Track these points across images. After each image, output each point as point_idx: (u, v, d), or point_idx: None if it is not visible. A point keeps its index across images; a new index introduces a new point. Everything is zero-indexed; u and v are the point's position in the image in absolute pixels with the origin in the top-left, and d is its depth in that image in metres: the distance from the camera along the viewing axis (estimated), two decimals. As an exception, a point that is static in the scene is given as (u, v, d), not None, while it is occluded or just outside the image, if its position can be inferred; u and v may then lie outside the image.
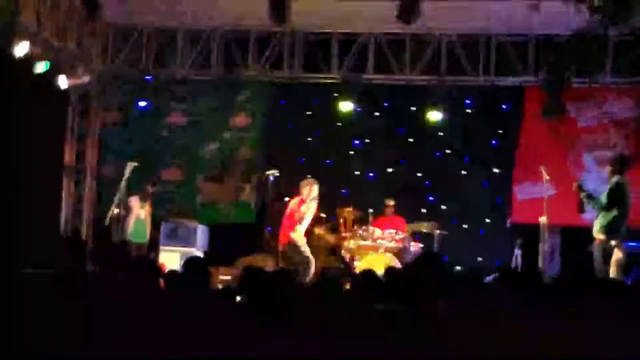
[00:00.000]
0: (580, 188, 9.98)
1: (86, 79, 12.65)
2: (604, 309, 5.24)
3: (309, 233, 12.12)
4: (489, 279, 7.60)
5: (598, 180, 10.72)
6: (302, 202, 10.71)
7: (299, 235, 10.59)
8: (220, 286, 8.13)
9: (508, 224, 12.08)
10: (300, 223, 10.58)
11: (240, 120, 13.40)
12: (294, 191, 13.00)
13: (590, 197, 9.94)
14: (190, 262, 6.29)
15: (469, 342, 4.42)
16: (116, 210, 11.19)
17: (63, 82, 11.96)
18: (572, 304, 5.22)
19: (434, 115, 12.46)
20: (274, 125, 13.39)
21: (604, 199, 9.82)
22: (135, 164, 11.53)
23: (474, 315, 4.72)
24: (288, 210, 10.77)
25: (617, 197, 9.75)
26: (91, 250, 8.58)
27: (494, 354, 4.54)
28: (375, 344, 4.38)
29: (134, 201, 11.91)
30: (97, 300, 4.86)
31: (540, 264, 10.12)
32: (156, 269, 6.25)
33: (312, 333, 4.78)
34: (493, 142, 12.75)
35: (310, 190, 10.70)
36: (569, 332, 4.78)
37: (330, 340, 4.68)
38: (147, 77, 12.94)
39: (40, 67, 11.29)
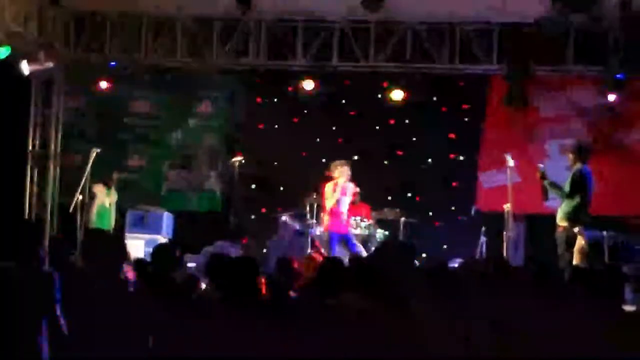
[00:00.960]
0: (543, 175, 10.06)
1: (49, 64, 12.45)
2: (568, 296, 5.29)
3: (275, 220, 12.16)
4: (452, 264, 7.63)
5: (561, 168, 10.80)
6: (336, 185, 10.77)
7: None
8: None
9: (473, 212, 12.15)
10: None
11: (205, 108, 13.35)
12: (259, 179, 13.02)
13: (553, 184, 10.02)
14: (159, 249, 6.25)
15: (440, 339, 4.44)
16: (80, 197, 11.09)
17: (25, 68, 11.77)
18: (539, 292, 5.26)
19: (399, 101, 12.45)
20: (239, 113, 13.32)
21: (566, 186, 9.91)
22: (99, 150, 11.42)
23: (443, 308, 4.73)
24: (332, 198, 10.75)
25: (579, 185, 9.84)
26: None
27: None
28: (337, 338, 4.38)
29: (98, 188, 11.80)
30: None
31: (505, 252, 10.19)
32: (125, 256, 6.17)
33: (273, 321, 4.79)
34: (458, 129, 12.78)
35: (341, 173, 10.75)
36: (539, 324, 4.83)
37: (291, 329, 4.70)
38: (111, 64, 12.77)
39: (1, 52, 11.09)
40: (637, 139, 12.09)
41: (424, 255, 10.48)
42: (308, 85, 12.27)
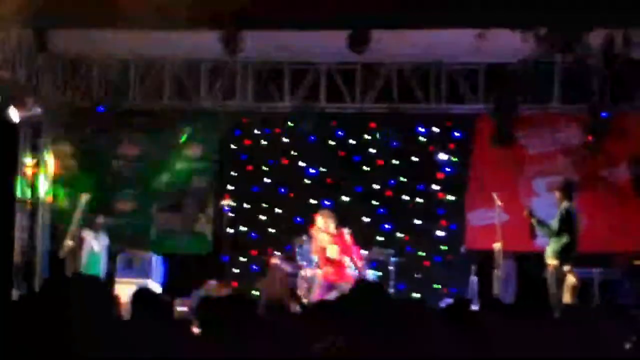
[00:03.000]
0: (531, 214, 10.19)
1: (37, 110, 12.55)
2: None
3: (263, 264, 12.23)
4: (443, 304, 7.72)
5: (549, 205, 10.94)
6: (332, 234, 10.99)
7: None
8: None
9: (463, 250, 12.24)
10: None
11: (193, 150, 13.41)
12: (249, 221, 13.10)
13: (541, 222, 10.16)
14: (139, 295, 6.29)
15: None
16: (71, 243, 11.11)
17: (14, 114, 11.85)
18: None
19: (387, 144, 12.63)
20: (227, 155, 13.42)
21: (554, 225, 10.05)
22: (89, 195, 11.47)
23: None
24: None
25: (567, 223, 9.98)
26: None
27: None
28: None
29: (87, 234, 11.83)
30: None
31: (496, 290, 10.29)
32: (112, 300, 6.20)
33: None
34: (446, 169, 12.92)
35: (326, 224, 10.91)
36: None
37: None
38: (99, 108, 12.87)
39: (-9, 99, 11.18)
40: (623, 175, 12.25)
41: (416, 295, 10.60)
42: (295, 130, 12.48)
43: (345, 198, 12.70)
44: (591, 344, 5.17)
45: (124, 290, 11.37)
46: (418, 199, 12.98)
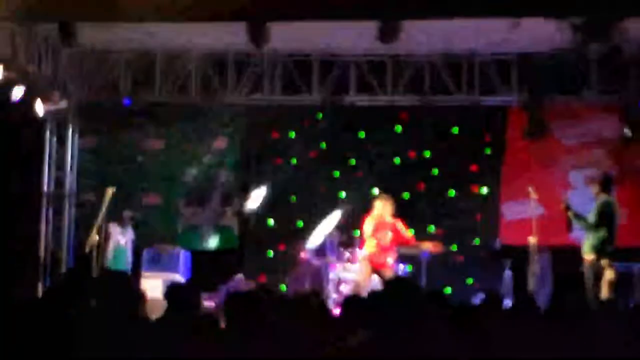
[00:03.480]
0: (567, 207, 9.98)
1: (63, 104, 12.49)
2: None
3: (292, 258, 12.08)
4: (476, 300, 7.53)
5: (585, 198, 10.72)
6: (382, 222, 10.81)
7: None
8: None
9: (496, 245, 12.05)
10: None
11: (220, 143, 13.33)
12: (276, 214, 12.96)
13: (578, 216, 9.94)
14: (173, 290, 6.16)
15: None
16: (96, 237, 11.04)
17: (40, 108, 11.80)
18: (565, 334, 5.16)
19: (418, 136, 12.46)
20: (255, 149, 13.30)
21: (591, 218, 9.83)
22: (114, 189, 11.39)
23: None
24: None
25: (604, 216, 9.77)
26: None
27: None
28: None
29: (113, 227, 11.77)
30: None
31: (530, 286, 10.08)
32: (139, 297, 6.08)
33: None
34: (479, 161, 12.71)
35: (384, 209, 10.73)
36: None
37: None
38: (124, 102, 12.80)
39: (17, 93, 11.13)
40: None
41: (448, 290, 10.41)
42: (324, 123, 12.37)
43: (375, 191, 12.50)
44: (630, 341, 5.01)
45: (150, 284, 11.35)
46: (450, 193, 12.77)
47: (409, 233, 10.90)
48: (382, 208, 10.78)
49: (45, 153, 12.85)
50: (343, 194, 12.55)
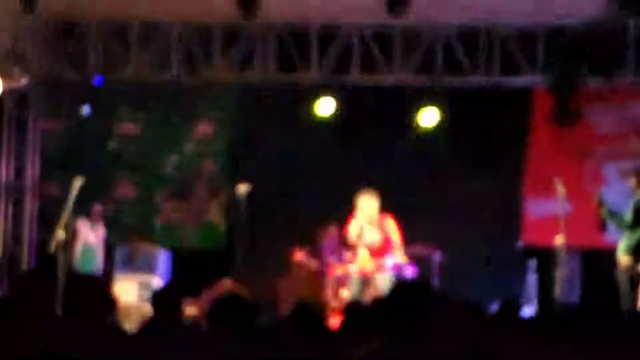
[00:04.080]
0: (600, 203, 10.08)
1: (23, 81, 12.56)
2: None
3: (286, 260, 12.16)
4: (493, 308, 7.61)
5: (621, 194, 10.82)
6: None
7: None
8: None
9: (519, 246, 12.14)
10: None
11: (204, 129, 13.41)
12: (268, 210, 13.03)
13: (613, 213, 10.05)
14: (158, 296, 6.25)
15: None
16: (62, 234, 11.11)
17: (-4, 86, 11.88)
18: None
19: (431, 122, 12.52)
20: (244, 135, 13.37)
21: (628, 216, 9.92)
22: (83, 179, 11.46)
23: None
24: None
25: (643, 214, 9.85)
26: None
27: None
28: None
29: (81, 223, 11.86)
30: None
31: (557, 292, 10.18)
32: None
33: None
34: (499, 152, 12.79)
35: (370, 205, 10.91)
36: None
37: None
38: (95, 80, 12.87)
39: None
40: None
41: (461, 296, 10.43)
42: (326, 106, 12.41)
43: (380, 184, 12.58)
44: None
45: (124, 287, 11.45)
46: (465, 186, 12.85)
47: (396, 236, 10.99)
48: (367, 205, 10.86)
49: (3, 138, 12.92)
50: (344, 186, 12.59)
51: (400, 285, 5.50)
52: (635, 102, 12.33)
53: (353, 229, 10.98)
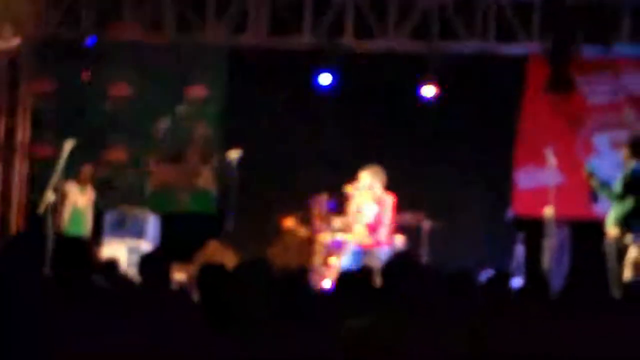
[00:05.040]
0: (591, 174, 10.08)
1: (15, 42, 12.54)
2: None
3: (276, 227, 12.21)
4: (483, 276, 7.67)
5: (612, 164, 10.83)
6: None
7: None
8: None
9: (508, 216, 12.16)
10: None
11: (197, 91, 13.37)
12: (260, 175, 13.05)
13: (603, 184, 10.05)
14: (147, 260, 6.32)
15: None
16: (52, 197, 11.16)
17: (-11, 45, 11.86)
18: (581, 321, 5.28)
19: (424, 90, 12.51)
20: (237, 98, 13.34)
21: (618, 186, 9.94)
22: (73, 141, 11.48)
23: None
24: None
25: (633, 185, 9.85)
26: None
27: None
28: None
29: (71, 186, 11.88)
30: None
31: (545, 264, 10.22)
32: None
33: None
34: (491, 120, 12.77)
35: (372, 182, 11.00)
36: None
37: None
38: (87, 40, 12.85)
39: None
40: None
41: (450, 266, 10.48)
42: (322, 78, 12.42)
43: (370, 152, 12.60)
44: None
45: (113, 251, 11.50)
46: (456, 155, 12.84)
47: (388, 217, 11.06)
48: (370, 180, 10.93)
49: (-7, 96, 12.94)
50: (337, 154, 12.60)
51: (394, 259, 5.58)
52: (630, 73, 12.29)
53: (354, 203, 11.02)
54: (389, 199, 11.15)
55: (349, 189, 11.20)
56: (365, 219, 11.05)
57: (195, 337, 5.00)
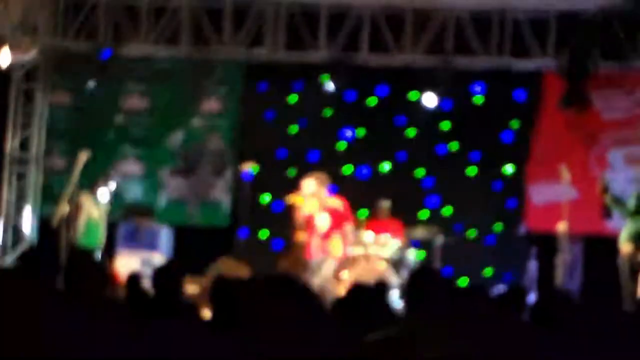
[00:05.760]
0: (605, 190, 10.06)
1: (32, 54, 12.62)
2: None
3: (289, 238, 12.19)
4: (496, 291, 7.65)
5: (626, 180, 10.80)
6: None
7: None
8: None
9: (521, 231, 12.13)
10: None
11: (212, 105, 13.41)
12: (274, 188, 13.07)
13: (617, 200, 10.04)
14: (159, 274, 6.33)
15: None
16: (66, 209, 11.19)
17: (5, 57, 11.91)
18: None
19: (438, 104, 12.52)
20: (251, 112, 13.39)
21: (631, 203, 9.92)
22: (88, 153, 11.53)
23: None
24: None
25: (647, 202, 9.84)
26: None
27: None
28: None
29: (86, 198, 11.90)
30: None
31: (559, 279, 10.19)
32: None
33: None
34: (505, 135, 12.77)
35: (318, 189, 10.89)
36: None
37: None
38: (103, 54, 12.92)
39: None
40: None
41: (464, 281, 10.50)
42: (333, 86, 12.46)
43: (385, 166, 12.63)
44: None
45: (126, 263, 11.53)
46: (470, 170, 12.85)
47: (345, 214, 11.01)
48: (315, 187, 10.85)
49: (10, 109, 12.99)
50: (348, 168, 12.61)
51: (415, 273, 5.57)
52: (646, 88, 12.29)
53: (300, 216, 10.96)
54: (339, 203, 11.04)
55: (292, 198, 11.09)
56: (320, 230, 10.94)
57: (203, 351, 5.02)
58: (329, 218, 10.90)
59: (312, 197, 10.91)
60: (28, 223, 13.02)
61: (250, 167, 12.17)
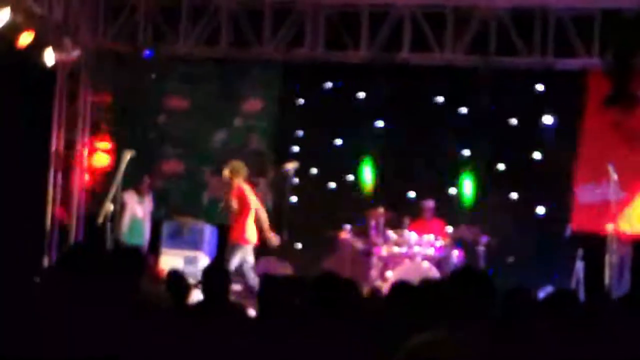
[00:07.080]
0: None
1: (75, 53, 12.61)
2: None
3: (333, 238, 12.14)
4: (542, 293, 7.51)
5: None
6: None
7: None
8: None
9: (568, 232, 11.99)
10: None
11: (252, 105, 13.37)
12: (315, 188, 13.01)
13: (665, 201, 9.88)
14: (210, 272, 6.27)
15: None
16: (111, 207, 11.17)
17: (49, 57, 11.90)
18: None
19: (479, 103, 12.41)
20: (292, 112, 13.33)
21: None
22: (133, 153, 11.51)
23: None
24: None
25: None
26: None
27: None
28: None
29: (130, 196, 11.90)
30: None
31: (606, 281, 10.05)
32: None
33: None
34: (550, 135, 12.63)
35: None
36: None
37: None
38: (145, 54, 12.91)
39: (24, 39, 11.22)
40: None
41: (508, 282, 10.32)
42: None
43: (425, 165, 12.50)
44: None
45: (170, 262, 11.50)
46: (515, 170, 12.72)
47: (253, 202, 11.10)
48: (235, 178, 11.04)
49: (54, 109, 12.99)
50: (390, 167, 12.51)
51: (458, 272, 5.46)
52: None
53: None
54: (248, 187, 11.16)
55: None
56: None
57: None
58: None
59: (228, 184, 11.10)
60: (74, 222, 13.00)
61: (292, 167, 12.11)
